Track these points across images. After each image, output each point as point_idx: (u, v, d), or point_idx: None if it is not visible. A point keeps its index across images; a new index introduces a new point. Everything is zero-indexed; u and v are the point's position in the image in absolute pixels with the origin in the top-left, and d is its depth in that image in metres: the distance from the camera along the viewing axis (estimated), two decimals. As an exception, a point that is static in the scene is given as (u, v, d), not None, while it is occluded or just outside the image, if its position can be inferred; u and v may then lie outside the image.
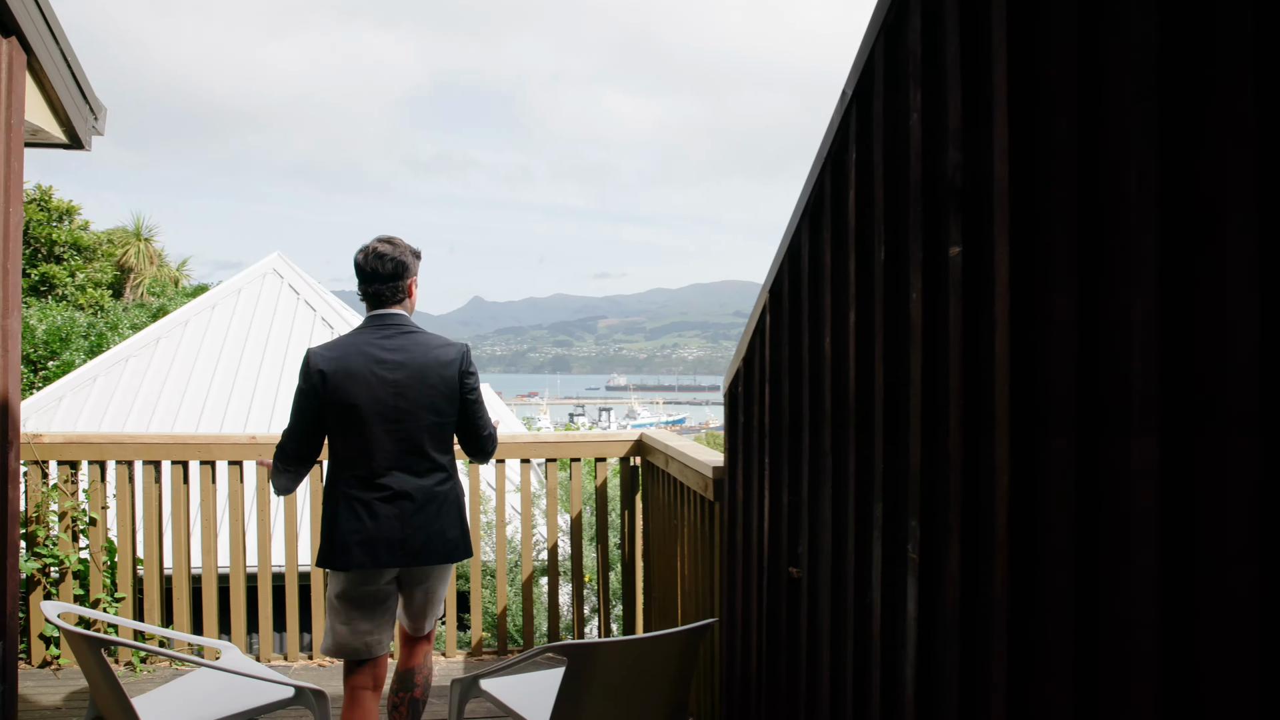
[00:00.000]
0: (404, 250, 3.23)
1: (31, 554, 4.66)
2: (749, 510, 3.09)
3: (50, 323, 14.33)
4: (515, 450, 4.86)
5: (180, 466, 4.70)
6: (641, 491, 4.99)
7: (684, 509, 4.04)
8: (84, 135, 3.64)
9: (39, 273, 20.77)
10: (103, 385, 9.38)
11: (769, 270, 2.87)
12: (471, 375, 3.23)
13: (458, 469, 3.29)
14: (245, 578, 4.76)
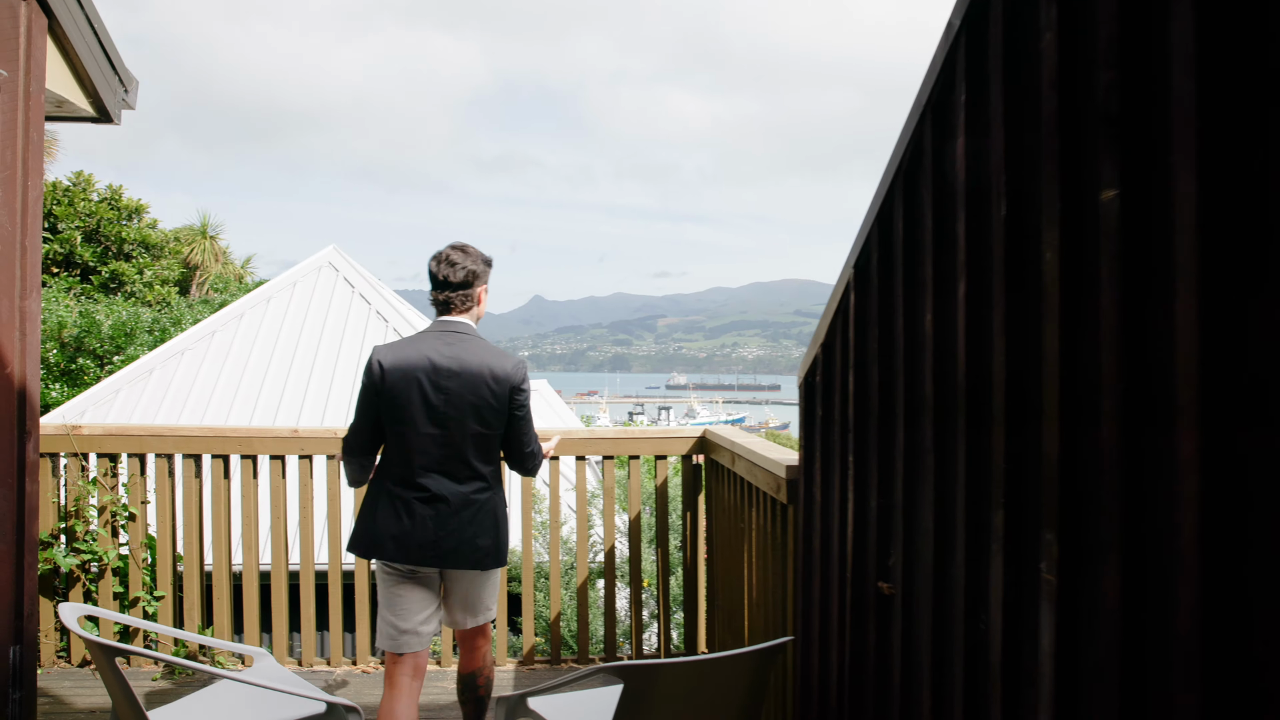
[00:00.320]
0: (476, 258, 3.29)
1: (71, 549, 4.51)
2: (829, 515, 2.75)
3: (116, 318, 14.50)
4: (571, 447, 4.56)
5: (221, 461, 4.50)
6: (705, 491, 4.67)
7: (752, 511, 3.71)
8: (113, 108, 3.43)
9: (109, 270, 21.15)
10: (159, 378, 9.33)
11: (853, 244, 2.53)
12: (523, 393, 3.23)
13: (502, 480, 3.30)
14: (288, 575, 4.54)
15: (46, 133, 18.44)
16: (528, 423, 3.26)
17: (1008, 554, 1.65)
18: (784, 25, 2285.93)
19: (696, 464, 4.69)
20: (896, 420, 2.19)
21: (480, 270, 3.30)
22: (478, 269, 3.29)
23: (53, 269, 21.28)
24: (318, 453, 4.51)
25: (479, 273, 3.29)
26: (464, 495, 3.13)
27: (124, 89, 3.49)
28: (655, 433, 4.69)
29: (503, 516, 3.25)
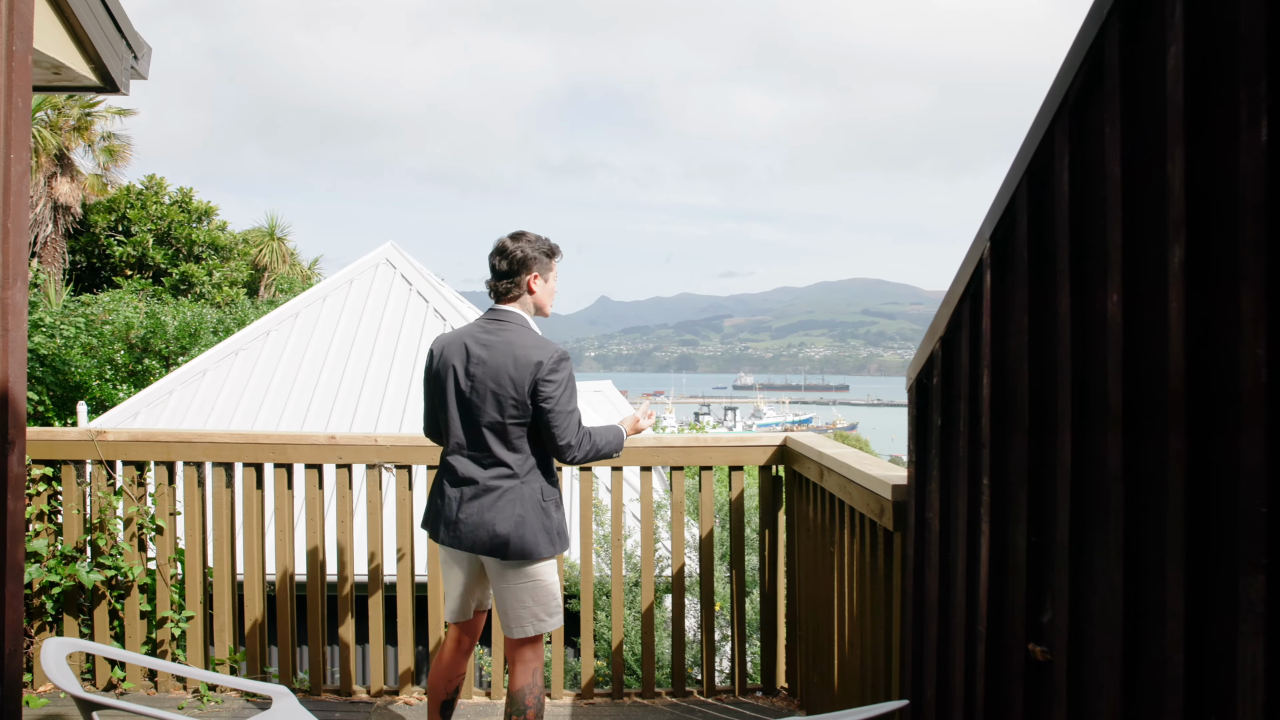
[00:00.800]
0: (527, 246, 3.26)
1: (96, 564, 4.18)
2: (951, 549, 2.23)
3: (181, 318, 14.50)
4: (635, 456, 4.09)
5: (253, 469, 4.13)
6: (786, 507, 4.15)
7: (844, 534, 3.19)
8: (119, 76, 3.05)
9: (179, 271, 21.35)
10: (212, 379, 9.12)
11: (988, 213, 2.01)
12: (550, 384, 3.13)
13: (538, 472, 3.19)
14: (323, 596, 4.15)
15: (118, 136, 18.43)
16: (558, 415, 3.14)
17: (1272, 637, 1.12)
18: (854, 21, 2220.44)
19: (776, 475, 4.18)
20: (1061, 433, 1.66)
21: (530, 257, 3.25)
22: (527, 256, 3.25)
23: (126, 271, 21.55)
24: (356, 461, 4.11)
25: (528, 260, 3.25)
26: (487, 480, 3.15)
27: (133, 55, 3.11)
28: (730, 440, 4.19)
29: (531, 510, 3.14)
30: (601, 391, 14.09)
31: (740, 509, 4.20)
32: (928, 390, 2.42)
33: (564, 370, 3.15)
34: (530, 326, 3.27)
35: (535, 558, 3.14)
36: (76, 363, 13.54)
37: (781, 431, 4.69)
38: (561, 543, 3.22)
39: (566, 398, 3.15)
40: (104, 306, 14.74)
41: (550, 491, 3.20)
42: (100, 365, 13.99)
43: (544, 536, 3.14)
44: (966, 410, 2.12)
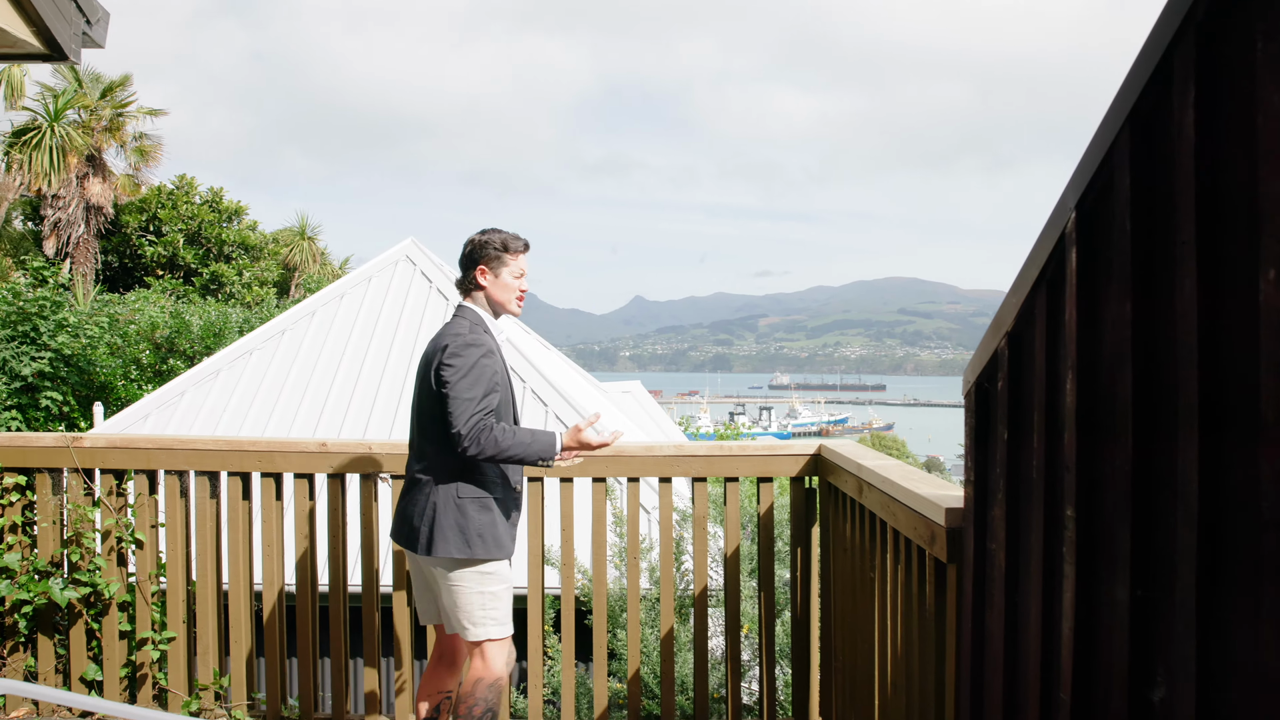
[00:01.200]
0: (479, 239, 3.24)
1: (71, 581, 3.87)
2: (1022, 591, 1.82)
3: (206, 318, 14.35)
4: (650, 466, 3.71)
5: (239, 479, 3.81)
6: (820, 522, 3.75)
7: (886, 558, 2.78)
8: (67, 43, 2.72)
9: (210, 271, 21.28)
10: (225, 380, 8.84)
11: (1072, 178, 1.60)
12: (448, 367, 3.03)
13: (454, 465, 3.08)
14: (315, 604, 3.81)
15: (149, 136, 18.30)
16: (451, 400, 3.00)
17: None
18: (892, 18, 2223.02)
19: (810, 488, 3.78)
20: (1178, 453, 1.26)
21: (478, 252, 3.21)
22: (474, 250, 3.22)
23: (158, 271, 21.53)
24: (350, 471, 3.76)
25: (474, 254, 3.22)
26: (412, 474, 3.18)
27: (85, 19, 2.77)
28: (757, 449, 3.78)
29: (444, 506, 3.07)
30: (630, 393, 13.69)
31: (769, 524, 3.80)
32: (990, 396, 2.02)
33: (466, 355, 3.02)
34: (483, 321, 3.18)
35: (444, 555, 3.06)
36: (101, 363, 13.41)
37: (817, 436, 4.27)
38: (485, 547, 3.08)
39: (465, 385, 3.00)
40: (129, 306, 14.62)
41: (469, 489, 3.08)
42: (125, 365, 13.86)
43: (456, 536, 3.05)
44: (1042, 421, 1.72)
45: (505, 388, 3.19)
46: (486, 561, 3.11)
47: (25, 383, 12.60)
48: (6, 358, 12.53)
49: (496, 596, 3.15)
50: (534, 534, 3.80)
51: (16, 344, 12.69)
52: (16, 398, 12.58)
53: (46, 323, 12.78)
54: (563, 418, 8.01)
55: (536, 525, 3.80)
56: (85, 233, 20.56)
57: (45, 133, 19.10)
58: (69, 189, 20.13)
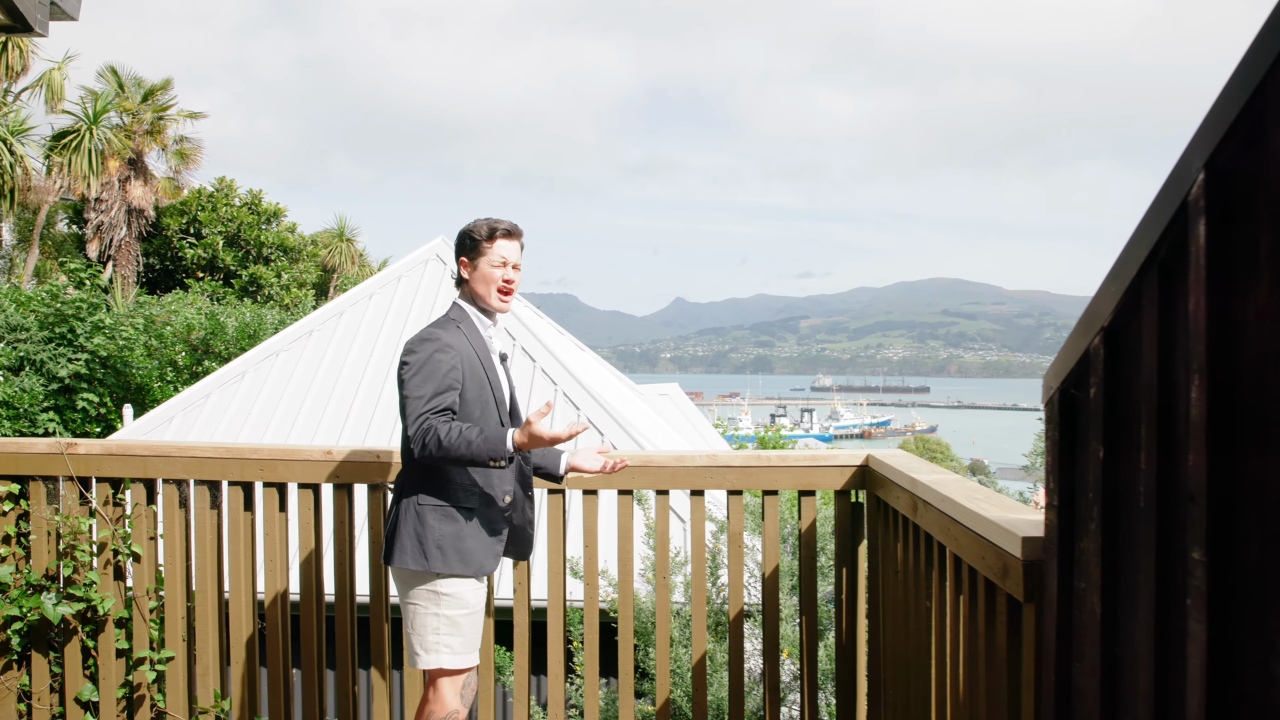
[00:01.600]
0: (459, 234, 3.06)
1: (65, 596, 3.65)
2: (1125, 644, 1.48)
3: (241, 319, 14.30)
4: (681, 478, 3.39)
5: (240, 489, 3.56)
6: (868, 540, 3.41)
7: (946, 587, 2.44)
8: (30, 13, 2.48)
9: (248, 273, 21.32)
10: (250, 382, 8.66)
11: (1198, 132, 1.26)
12: (404, 365, 2.85)
13: (417, 469, 2.90)
14: (321, 622, 3.55)
15: (189, 139, 18.37)
16: (402, 400, 2.82)
17: None
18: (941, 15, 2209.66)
19: (856, 502, 3.44)
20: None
21: (458, 244, 3.05)
22: (456, 242, 3.07)
23: (198, 273, 21.61)
24: (357, 481, 3.50)
25: (456, 246, 3.07)
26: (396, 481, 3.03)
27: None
28: (798, 459, 3.45)
29: (404, 512, 2.88)
30: (667, 395, 13.36)
31: (812, 541, 3.47)
32: (1078, 405, 1.68)
33: (420, 351, 2.82)
34: (468, 318, 3.00)
35: (400, 565, 2.87)
36: (137, 364, 13.38)
37: (859, 438, 3.92)
38: (444, 560, 2.83)
39: (415, 383, 2.79)
40: (165, 308, 14.61)
41: (431, 497, 2.87)
42: (161, 367, 13.82)
43: (412, 544, 2.84)
44: (1152, 436, 1.38)
45: (481, 385, 2.93)
46: (445, 578, 2.86)
47: (62, 384, 12.60)
48: (44, 359, 12.53)
49: (454, 623, 2.88)
50: (555, 548, 3.51)
51: (54, 346, 12.69)
52: (54, 399, 12.57)
53: (83, 324, 12.76)
54: (595, 421, 7.74)
55: (558, 538, 3.51)
56: (127, 235, 20.68)
57: (84, 136, 19.24)
58: (111, 192, 20.27)
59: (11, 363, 12.62)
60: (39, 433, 12.74)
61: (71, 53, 19.93)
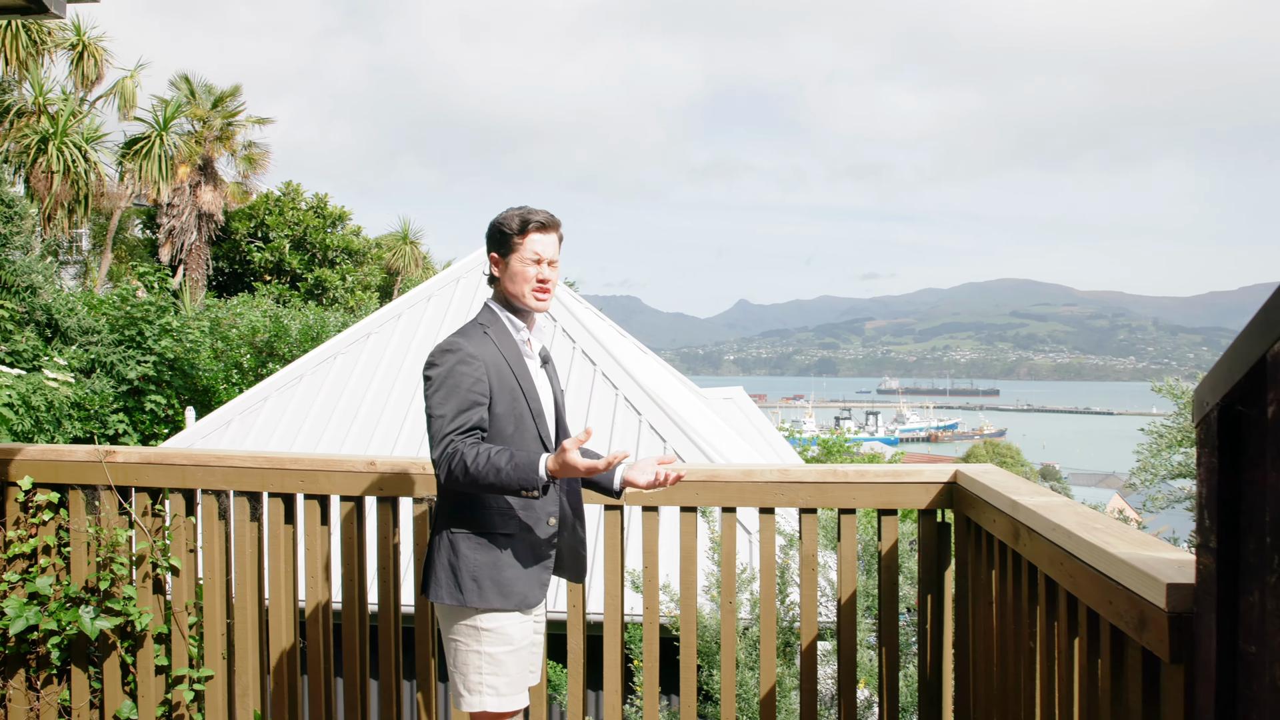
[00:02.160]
0: (491, 227, 2.74)
1: (104, 609, 3.50)
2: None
3: (304, 322, 14.38)
4: (749, 494, 3.11)
5: (280, 500, 3.38)
6: (956, 565, 3.09)
7: (1056, 629, 2.12)
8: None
9: (314, 276, 21.54)
10: (308, 385, 8.58)
11: None
12: (425, 381, 2.60)
13: (448, 493, 2.64)
14: (365, 644, 3.35)
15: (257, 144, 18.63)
16: (427, 419, 2.57)
17: None
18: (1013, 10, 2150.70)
19: (943, 522, 3.12)
20: None
21: (488, 238, 2.74)
22: (486, 236, 2.74)
23: (265, 276, 21.89)
24: (402, 494, 3.29)
25: (488, 243, 2.74)
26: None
27: (73, -33, 2.34)
28: (878, 474, 3.14)
29: (438, 540, 2.65)
30: (731, 399, 13.04)
31: (893, 566, 3.16)
32: (1247, 425, 1.37)
33: (442, 363, 2.56)
34: (499, 320, 2.72)
35: (435, 600, 2.65)
36: (204, 366, 13.51)
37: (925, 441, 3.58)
38: (479, 594, 2.58)
39: (436, 400, 2.54)
40: (230, 310, 14.76)
41: (465, 523, 2.61)
42: (227, 369, 13.94)
43: (445, 576, 2.61)
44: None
45: (513, 397, 2.63)
46: (485, 613, 2.59)
47: (131, 386, 12.76)
48: (114, 361, 12.70)
49: (496, 660, 2.61)
50: (612, 568, 3.26)
51: (124, 348, 12.86)
52: (123, 400, 12.74)
53: (151, 327, 12.91)
54: (657, 427, 7.48)
55: (615, 558, 3.26)
56: (197, 239, 21.05)
57: (155, 142, 19.60)
58: (182, 197, 20.65)
59: (83, 365, 12.81)
60: (109, 434, 12.90)
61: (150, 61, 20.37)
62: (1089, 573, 1.85)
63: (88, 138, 17.79)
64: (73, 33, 19.16)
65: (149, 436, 13.25)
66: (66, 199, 17.00)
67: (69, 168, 17.03)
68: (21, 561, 3.61)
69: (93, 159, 17.48)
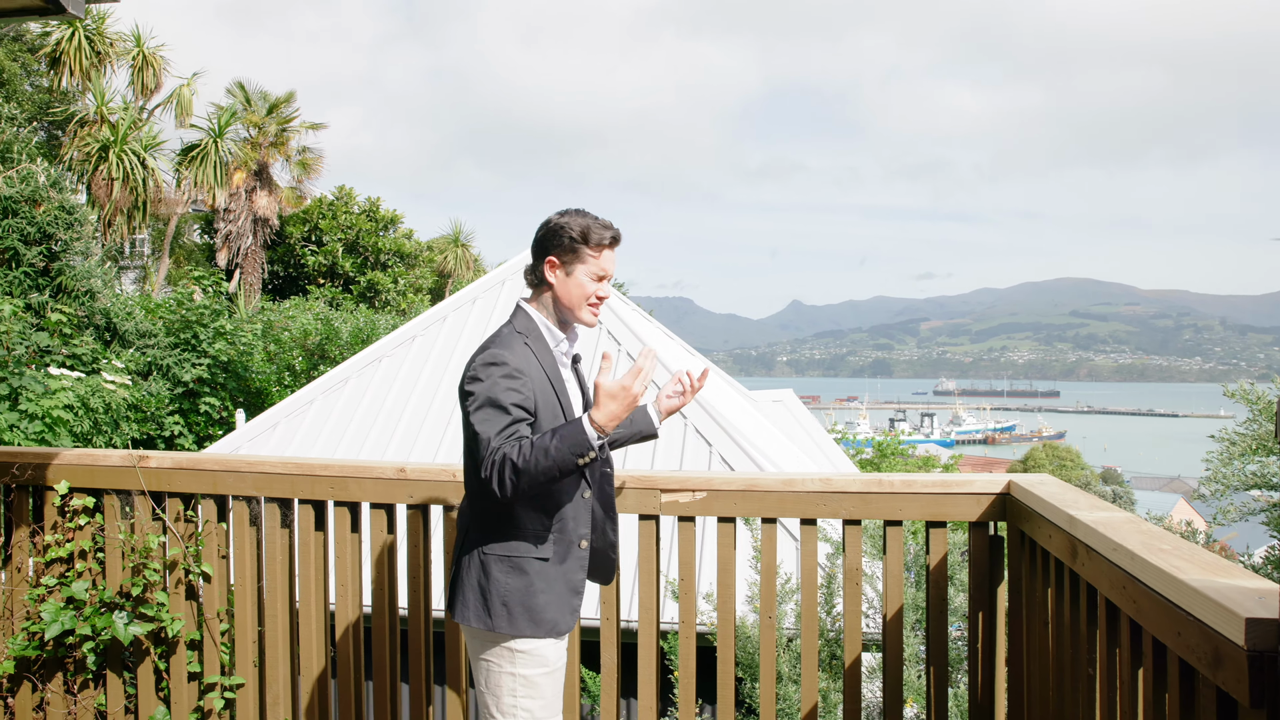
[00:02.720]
0: (552, 226, 2.55)
1: (137, 616, 3.48)
2: None
3: (354, 324, 14.51)
4: (790, 504, 2.97)
5: (310, 507, 3.32)
6: (1009, 581, 2.92)
7: (1118, 657, 1.96)
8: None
9: (366, 279, 21.75)
10: (353, 388, 8.59)
11: None
12: (466, 394, 2.42)
13: (482, 511, 2.51)
14: (395, 653, 3.28)
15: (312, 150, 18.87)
16: (471, 431, 2.38)
17: None
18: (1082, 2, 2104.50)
19: (995, 535, 2.96)
20: None
21: (551, 238, 2.53)
22: (547, 236, 2.54)
23: (319, 280, 22.17)
24: (433, 500, 3.21)
25: (547, 240, 2.54)
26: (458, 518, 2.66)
27: (91, -35, 2.30)
28: (926, 484, 2.98)
29: (468, 563, 2.51)
30: (781, 401, 12.83)
31: (942, 581, 2.99)
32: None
33: (486, 378, 2.39)
34: (536, 329, 2.55)
35: (462, 621, 2.53)
36: (257, 369, 13.68)
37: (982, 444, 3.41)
38: (509, 620, 2.45)
39: (482, 415, 2.37)
40: (283, 313, 14.93)
41: (498, 543, 2.48)
42: (279, 371, 14.10)
43: (476, 599, 2.48)
44: None
45: (554, 413, 2.50)
46: (518, 637, 2.48)
47: (186, 388, 12.96)
48: (170, 364, 12.91)
49: (531, 683, 2.48)
50: (646, 580, 3.14)
51: (179, 351, 13.07)
52: (178, 402, 12.95)
53: (206, 331, 13.11)
54: (704, 432, 7.34)
55: (650, 570, 3.14)
56: (253, 244, 21.40)
57: (210, 148, 19.97)
58: (238, 202, 21.01)
59: (140, 368, 13.04)
60: (166, 435, 13.12)
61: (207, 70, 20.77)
62: (1155, 599, 1.70)
63: (146, 145, 18.19)
64: (133, 43, 19.62)
65: (204, 438, 13.46)
66: (125, 205, 17.40)
67: (128, 175, 17.42)
68: (59, 566, 3.61)
69: (150, 166, 17.86)
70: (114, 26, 19.13)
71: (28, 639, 3.58)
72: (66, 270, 11.82)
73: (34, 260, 11.39)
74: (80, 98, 18.97)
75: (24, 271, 11.30)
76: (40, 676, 3.62)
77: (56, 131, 20.38)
